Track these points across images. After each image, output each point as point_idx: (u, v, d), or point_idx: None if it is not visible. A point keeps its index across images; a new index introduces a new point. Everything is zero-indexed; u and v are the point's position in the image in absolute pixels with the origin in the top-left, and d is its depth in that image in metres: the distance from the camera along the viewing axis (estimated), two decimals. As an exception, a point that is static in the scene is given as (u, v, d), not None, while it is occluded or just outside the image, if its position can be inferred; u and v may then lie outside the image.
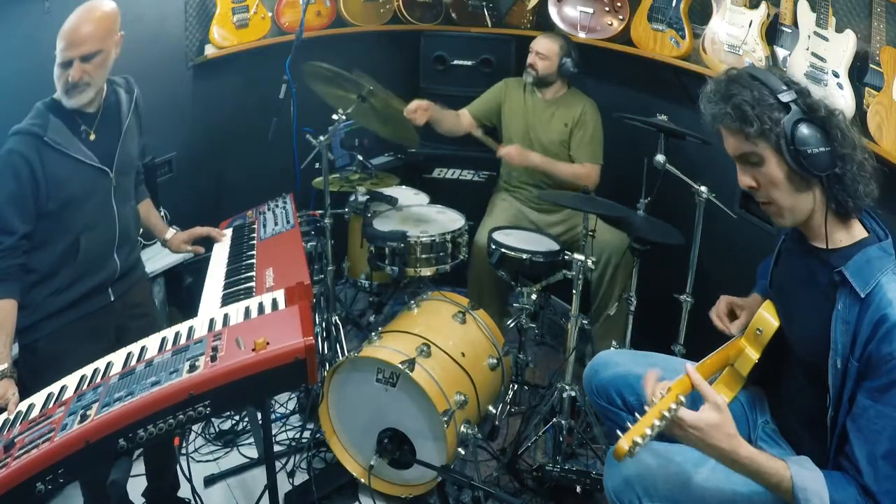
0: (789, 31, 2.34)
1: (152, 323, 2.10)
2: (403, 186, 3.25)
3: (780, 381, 1.57)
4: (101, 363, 1.58)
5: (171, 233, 2.28)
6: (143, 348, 1.61)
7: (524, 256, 2.51)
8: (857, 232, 1.36)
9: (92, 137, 1.86)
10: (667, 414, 1.22)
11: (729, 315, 1.74)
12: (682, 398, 1.26)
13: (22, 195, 1.73)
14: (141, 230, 2.18)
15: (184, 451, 2.48)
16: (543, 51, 2.89)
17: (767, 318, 1.51)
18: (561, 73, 2.91)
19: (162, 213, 2.42)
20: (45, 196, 1.75)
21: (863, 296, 1.27)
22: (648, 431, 1.20)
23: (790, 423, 1.54)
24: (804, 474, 1.26)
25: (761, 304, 1.57)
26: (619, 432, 1.21)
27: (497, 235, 2.66)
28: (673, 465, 1.45)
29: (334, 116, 2.53)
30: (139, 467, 2.21)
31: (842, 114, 1.34)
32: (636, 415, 1.24)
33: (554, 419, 2.36)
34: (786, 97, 1.30)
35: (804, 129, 1.28)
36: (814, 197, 1.34)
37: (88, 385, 1.49)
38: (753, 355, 1.53)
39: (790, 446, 1.54)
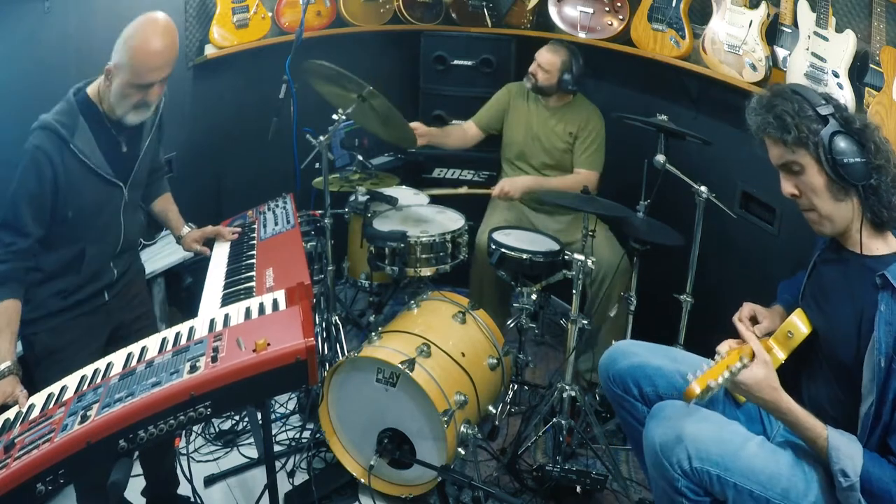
0: (789, 31, 2.34)
1: (147, 315, 2.11)
2: (403, 186, 3.25)
3: (800, 384, 1.62)
4: (101, 363, 1.58)
5: (186, 230, 2.28)
6: (143, 349, 1.61)
7: (524, 256, 2.51)
8: (894, 243, 1.46)
9: (124, 149, 1.87)
10: (733, 369, 1.36)
11: (752, 321, 1.76)
12: (746, 360, 1.40)
13: (42, 197, 1.72)
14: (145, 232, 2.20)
15: (184, 451, 2.48)
16: (545, 64, 2.88)
17: (799, 323, 1.58)
18: (560, 87, 2.90)
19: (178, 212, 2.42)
20: (62, 202, 1.75)
21: None
22: (720, 380, 1.33)
23: None
24: (841, 438, 1.36)
25: (788, 312, 1.63)
26: (689, 376, 1.35)
27: (497, 235, 2.66)
28: (725, 432, 1.51)
29: (334, 116, 2.53)
30: (137, 467, 2.22)
31: (877, 128, 1.43)
32: (703, 365, 1.36)
33: (554, 419, 2.36)
34: (824, 110, 1.41)
35: (841, 140, 1.39)
36: (852, 206, 1.43)
37: (89, 385, 1.49)
38: (781, 355, 1.57)
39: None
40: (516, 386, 2.75)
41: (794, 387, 1.64)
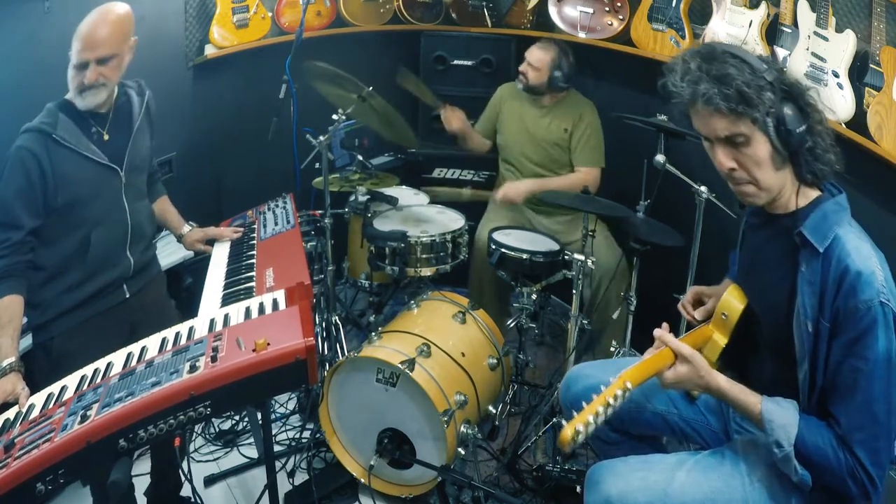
0: (789, 31, 2.34)
1: (166, 320, 2.10)
2: (403, 186, 3.25)
3: (747, 363, 1.58)
4: (101, 363, 1.58)
5: (186, 228, 2.28)
6: (143, 348, 1.61)
7: (524, 256, 2.51)
8: (812, 193, 1.38)
9: (106, 138, 1.88)
10: (611, 401, 1.26)
11: (697, 304, 1.74)
12: (629, 385, 1.29)
13: (30, 190, 1.74)
14: (156, 228, 2.20)
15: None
16: (535, 62, 2.89)
17: (731, 301, 1.52)
18: (550, 85, 2.90)
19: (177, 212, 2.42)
20: (53, 192, 1.76)
21: (821, 251, 1.28)
22: (591, 419, 1.23)
23: None
24: (774, 409, 1.32)
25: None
26: (563, 421, 1.27)
27: (497, 235, 2.66)
28: (652, 475, 1.46)
29: (334, 116, 2.53)
30: (142, 466, 2.22)
31: (812, 88, 1.34)
32: (583, 403, 1.27)
33: (554, 419, 2.36)
34: (769, 75, 1.28)
35: (789, 109, 1.29)
36: (788, 171, 1.35)
37: (89, 385, 1.49)
38: (721, 340, 1.53)
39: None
40: (516, 386, 2.75)
41: (741, 369, 1.61)
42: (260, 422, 2.04)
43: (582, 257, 2.22)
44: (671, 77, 1.37)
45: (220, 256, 2.19)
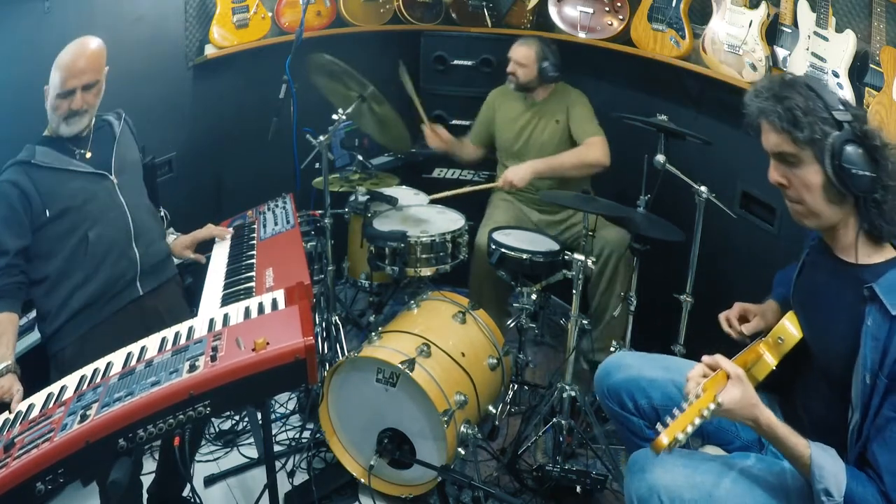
0: (789, 31, 2.34)
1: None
2: (403, 186, 3.25)
3: (794, 389, 1.59)
4: (100, 363, 1.58)
5: (171, 238, 2.27)
6: (142, 348, 1.61)
7: (524, 256, 2.51)
8: (888, 252, 1.40)
9: (88, 155, 1.96)
10: (705, 413, 1.27)
11: (741, 320, 1.75)
12: (720, 399, 1.30)
13: (14, 216, 1.80)
14: (163, 224, 2.24)
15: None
16: (521, 59, 2.89)
17: (790, 328, 1.54)
18: (542, 78, 2.90)
19: (162, 214, 2.42)
20: (39, 209, 1.82)
21: (893, 313, 1.29)
22: (690, 429, 1.25)
23: (805, 428, 1.55)
24: (824, 456, 1.31)
25: (782, 313, 1.59)
26: (658, 427, 1.26)
27: (497, 235, 2.66)
28: (698, 474, 1.46)
29: (334, 116, 2.53)
30: (150, 464, 2.21)
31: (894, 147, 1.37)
32: (675, 411, 1.28)
33: (554, 419, 2.36)
34: (841, 116, 1.34)
35: (852, 150, 1.32)
36: (847, 211, 1.38)
37: (88, 385, 1.49)
38: (771, 362, 1.54)
39: None
40: (516, 386, 2.75)
41: (788, 394, 1.62)
42: (260, 422, 2.04)
43: (582, 257, 2.22)
44: (748, 92, 1.45)
45: (220, 256, 2.19)
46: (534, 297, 2.58)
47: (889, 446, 1.27)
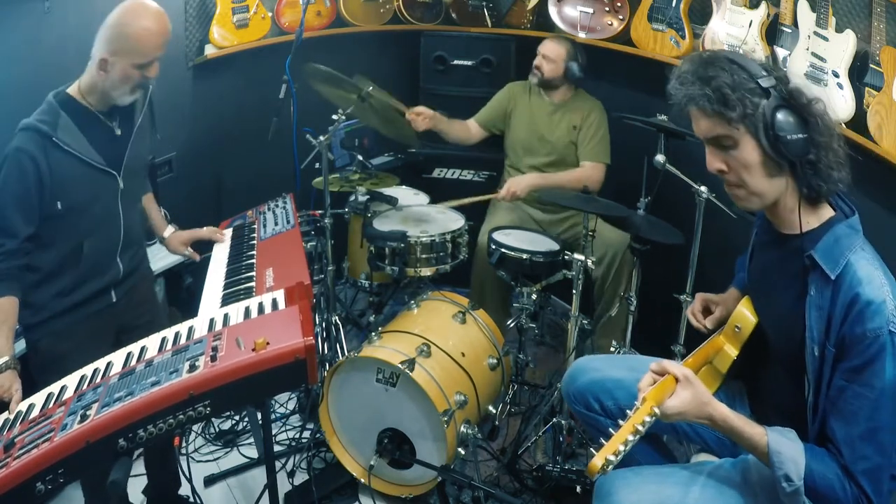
0: (789, 31, 2.34)
1: (155, 321, 2.09)
2: (403, 186, 3.25)
3: (757, 375, 1.57)
4: (101, 363, 1.58)
5: (169, 231, 2.26)
6: (143, 348, 1.61)
7: (524, 256, 2.51)
8: (825, 213, 1.36)
9: (118, 132, 1.89)
10: (640, 428, 1.24)
11: (704, 311, 1.74)
12: (657, 410, 1.27)
13: (27, 197, 1.72)
14: (145, 234, 2.18)
15: (184, 451, 2.48)
16: (550, 54, 2.90)
17: (745, 314, 1.51)
18: (566, 77, 2.91)
19: (161, 213, 2.43)
20: (50, 198, 1.75)
21: (833, 277, 1.27)
22: (622, 448, 1.22)
23: (769, 416, 1.53)
24: (781, 441, 1.28)
25: (739, 300, 1.57)
26: (592, 450, 1.23)
27: (497, 235, 2.66)
28: (666, 487, 1.43)
29: (334, 116, 2.53)
30: (140, 466, 2.21)
31: (821, 101, 1.33)
32: (610, 430, 1.25)
33: (554, 419, 2.36)
34: (765, 82, 1.29)
35: (783, 115, 1.27)
36: (785, 181, 1.34)
37: (88, 385, 1.49)
38: (732, 352, 1.53)
39: None
40: (516, 386, 2.75)
41: (751, 380, 1.61)
42: (260, 422, 2.04)
43: (582, 257, 2.22)
44: (671, 80, 1.39)
45: (220, 256, 2.19)
46: (534, 297, 2.58)
47: (845, 417, 1.26)
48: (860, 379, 1.24)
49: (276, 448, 2.48)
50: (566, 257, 2.28)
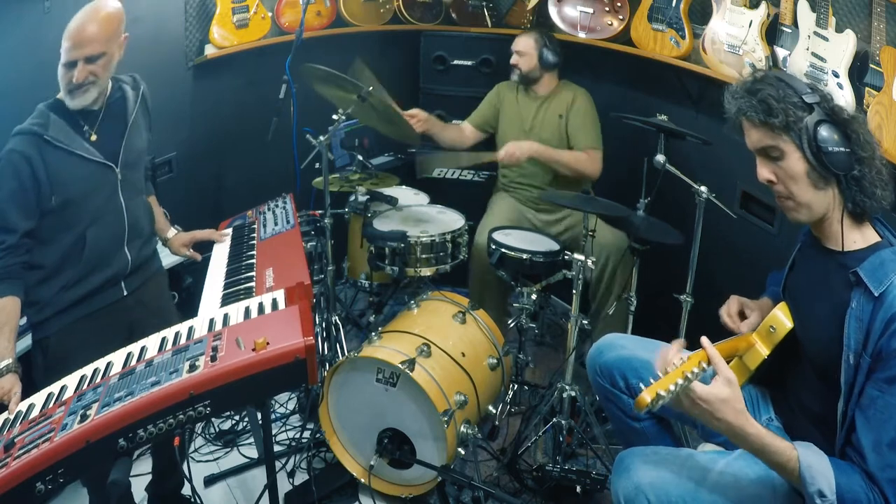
0: (789, 31, 2.34)
1: (167, 319, 2.09)
2: (403, 186, 3.25)
3: (786, 379, 1.61)
4: (101, 363, 1.58)
5: (172, 232, 2.27)
6: (143, 348, 1.61)
7: (524, 256, 2.51)
8: (871, 236, 1.43)
9: (93, 138, 1.86)
10: (689, 375, 1.26)
11: (738, 315, 1.75)
12: (704, 365, 1.30)
13: (23, 193, 1.73)
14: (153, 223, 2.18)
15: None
16: (522, 48, 2.93)
17: (782, 318, 1.55)
18: (543, 66, 2.93)
19: (164, 215, 2.43)
20: (47, 193, 1.75)
21: (876, 294, 1.31)
22: (672, 388, 1.24)
23: (798, 420, 1.56)
24: (811, 455, 1.31)
25: (774, 305, 1.60)
26: (641, 385, 1.26)
27: (497, 235, 2.66)
28: (684, 469, 1.47)
29: (334, 116, 2.53)
30: (142, 465, 2.21)
31: (865, 121, 1.41)
32: (659, 374, 1.28)
33: (554, 419, 2.36)
34: (810, 98, 1.38)
35: (825, 129, 1.36)
36: (832, 195, 1.41)
37: (88, 385, 1.49)
38: (763, 351, 1.55)
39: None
40: (516, 386, 2.75)
41: (780, 388, 1.64)
42: (260, 422, 2.04)
43: (582, 257, 2.22)
44: (726, 94, 1.49)
45: (220, 256, 2.19)
46: (534, 297, 2.58)
47: (872, 424, 1.29)
48: (892, 389, 1.27)
49: (276, 448, 2.48)
50: (566, 257, 2.28)
